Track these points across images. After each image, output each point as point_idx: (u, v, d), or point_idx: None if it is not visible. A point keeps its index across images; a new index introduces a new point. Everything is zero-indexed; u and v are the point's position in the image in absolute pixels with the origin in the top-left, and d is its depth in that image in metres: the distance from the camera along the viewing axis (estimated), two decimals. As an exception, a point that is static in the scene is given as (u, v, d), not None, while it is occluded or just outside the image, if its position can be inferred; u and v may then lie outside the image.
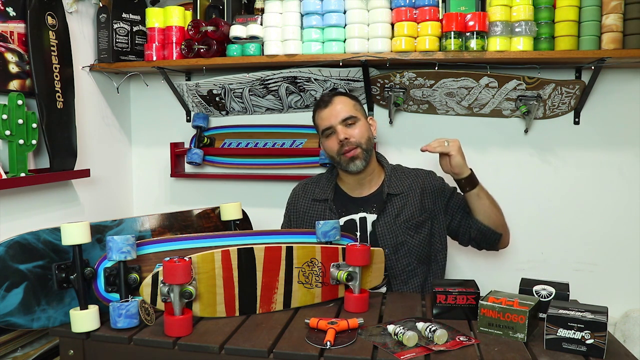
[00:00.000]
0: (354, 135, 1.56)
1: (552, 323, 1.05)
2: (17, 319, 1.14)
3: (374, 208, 1.60)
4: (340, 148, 1.55)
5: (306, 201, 1.68)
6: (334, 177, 1.69)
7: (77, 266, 1.18)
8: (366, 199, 1.63)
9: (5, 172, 1.58)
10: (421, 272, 1.60)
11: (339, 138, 1.55)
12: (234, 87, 2.06)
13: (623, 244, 1.93)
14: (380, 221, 1.58)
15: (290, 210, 1.73)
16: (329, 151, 1.60)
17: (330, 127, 1.57)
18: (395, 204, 1.59)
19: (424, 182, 1.63)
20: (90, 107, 2.05)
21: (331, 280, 1.32)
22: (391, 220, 1.58)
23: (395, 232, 1.57)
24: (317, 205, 1.66)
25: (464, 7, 1.74)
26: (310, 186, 1.72)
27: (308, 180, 1.76)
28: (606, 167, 1.94)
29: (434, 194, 1.62)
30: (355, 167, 1.56)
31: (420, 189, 1.61)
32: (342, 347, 1.06)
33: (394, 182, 1.62)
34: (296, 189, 1.76)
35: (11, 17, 1.62)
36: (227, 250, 1.22)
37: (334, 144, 1.57)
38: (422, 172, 1.67)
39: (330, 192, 1.65)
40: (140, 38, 2.07)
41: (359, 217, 1.60)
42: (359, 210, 1.61)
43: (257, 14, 1.93)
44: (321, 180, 1.72)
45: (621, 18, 1.66)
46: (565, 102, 1.90)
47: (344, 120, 1.56)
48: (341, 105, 1.58)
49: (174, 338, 1.12)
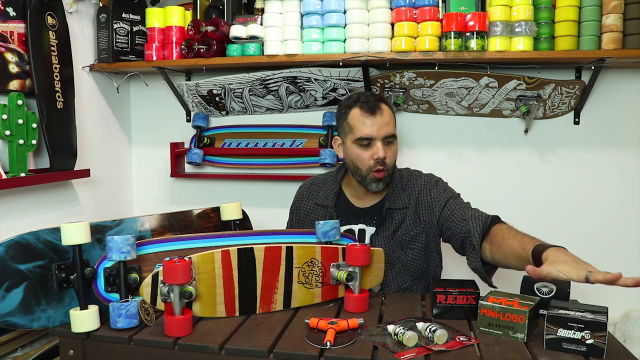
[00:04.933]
0: (391, 157, 1.49)
1: (552, 323, 1.05)
2: (17, 319, 1.14)
3: (374, 221, 1.55)
4: (374, 165, 1.47)
5: (309, 204, 1.65)
6: (339, 179, 1.63)
7: (77, 266, 1.18)
8: (367, 211, 1.57)
9: (5, 172, 1.58)
10: (418, 290, 1.54)
11: (378, 155, 1.45)
12: (234, 87, 2.06)
13: (623, 244, 1.93)
14: (379, 235, 1.53)
15: (294, 210, 1.70)
16: (358, 161, 1.49)
17: (371, 139, 1.46)
18: (395, 218, 1.53)
19: (420, 192, 1.54)
20: (90, 107, 2.05)
21: (331, 280, 1.32)
22: (389, 235, 1.53)
23: (392, 248, 1.52)
24: (319, 210, 1.62)
25: (464, 7, 1.74)
26: (315, 187, 1.67)
27: (314, 180, 1.70)
28: (606, 167, 1.94)
29: (429, 203, 1.52)
30: (378, 188, 1.50)
31: (416, 198, 1.54)
32: (342, 347, 1.06)
33: (396, 195, 1.55)
34: (302, 189, 1.71)
35: (11, 17, 1.62)
36: (227, 250, 1.22)
37: (368, 157, 1.47)
38: (423, 181, 1.57)
39: (333, 199, 1.59)
40: (140, 38, 2.07)
41: (358, 228, 1.56)
42: (359, 222, 1.56)
43: (257, 14, 1.93)
44: (327, 182, 1.65)
45: (621, 18, 1.66)
46: (565, 102, 1.90)
47: (387, 137, 1.47)
48: (388, 118, 1.48)
49: (174, 338, 1.12)
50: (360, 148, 1.48)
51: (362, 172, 1.50)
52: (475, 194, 1.62)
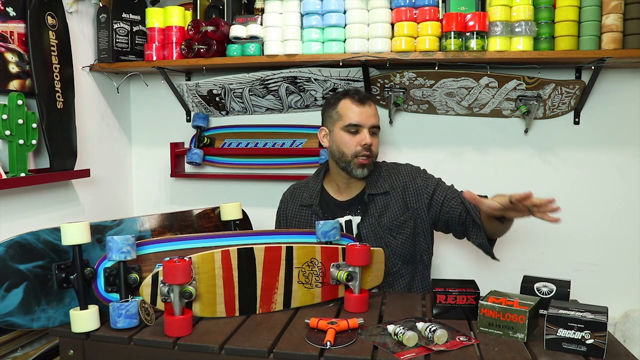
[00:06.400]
0: (375, 146, 1.59)
1: (552, 323, 1.05)
2: (17, 319, 1.14)
3: (358, 210, 1.60)
4: (361, 151, 1.55)
5: (294, 207, 1.69)
6: (320, 180, 1.69)
7: (77, 266, 1.18)
8: (350, 202, 1.63)
9: (5, 172, 1.58)
10: (407, 273, 1.60)
11: (364, 141, 1.54)
12: (234, 87, 2.06)
13: (623, 244, 1.93)
14: (364, 223, 1.58)
15: (281, 215, 1.74)
16: (344, 147, 1.57)
17: (359, 126, 1.56)
18: (378, 204, 1.59)
19: (406, 180, 1.61)
20: (90, 107, 2.05)
21: (331, 280, 1.32)
22: (374, 221, 1.58)
23: (379, 234, 1.57)
24: (304, 210, 1.66)
25: (464, 7, 1.74)
26: (298, 191, 1.72)
27: (296, 185, 1.76)
28: (606, 167, 1.94)
29: (416, 191, 1.59)
30: (362, 174, 1.57)
31: (402, 187, 1.60)
32: (342, 347, 1.06)
33: (375, 181, 1.61)
34: (285, 195, 1.76)
35: (11, 17, 1.62)
36: (227, 250, 1.22)
37: (355, 143, 1.55)
38: (406, 169, 1.65)
39: (316, 197, 1.64)
40: (140, 38, 2.07)
41: (345, 220, 1.60)
42: (345, 214, 1.61)
43: (257, 14, 1.93)
44: (309, 184, 1.71)
45: (621, 18, 1.66)
46: (565, 102, 1.90)
47: (373, 127, 1.58)
48: (375, 111, 1.60)
49: (174, 338, 1.12)
50: (348, 134, 1.57)
51: (347, 157, 1.57)
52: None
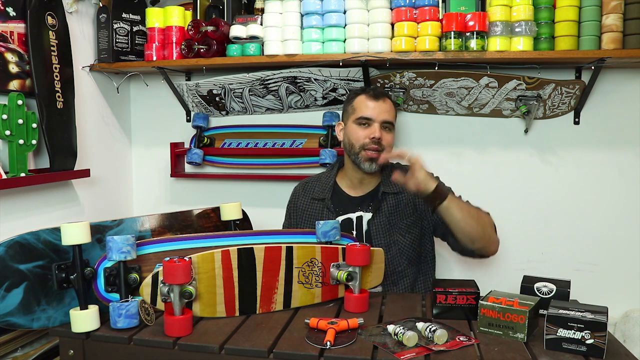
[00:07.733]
0: (387, 140, 1.58)
1: (552, 323, 1.05)
2: (17, 319, 1.14)
3: (370, 207, 1.61)
4: (369, 143, 1.55)
5: (306, 200, 1.70)
6: (333, 175, 1.70)
7: (77, 266, 1.18)
8: (363, 198, 1.64)
9: (5, 172, 1.58)
10: (411, 273, 1.60)
11: (374, 134, 1.55)
12: (234, 87, 2.05)
13: (623, 244, 1.93)
14: (375, 220, 1.59)
15: (291, 208, 1.75)
16: (354, 139, 1.58)
17: (370, 119, 1.57)
18: (390, 202, 1.60)
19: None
20: (90, 107, 2.05)
21: (331, 280, 1.32)
22: (385, 219, 1.59)
23: (389, 231, 1.58)
24: (316, 204, 1.67)
25: (464, 7, 1.74)
26: (310, 185, 1.74)
27: (309, 179, 1.78)
28: (606, 167, 1.94)
29: None
30: (370, 168, 1.58)
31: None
32: (342, 347, 1.06)
33: (390, 180, 1.62)
34: (297, 188, 1.77)
35: (11, 17, 1.62)
36: (227, 250, 1.22)
37: (364, 135, 1.56)
38: None
39: (329, 191, 1.66)
40: (140, 38, 2.07)
41: (356, 216, 1.61)
42: (356, 209, 1.62)
43: (257, 14, 1.93)
44: (321, 179, 1.73)
45: (621, 18, 1.66)
46: (565, 102, 1.90)
47: (385, 122, 1.58)
48: (389, 107, 1.60)
49: (174, 338, 1.12)
50: (359, 127, 1.58)
51: (356, 149, 1.58)
52: (476, 194, 1.62)
